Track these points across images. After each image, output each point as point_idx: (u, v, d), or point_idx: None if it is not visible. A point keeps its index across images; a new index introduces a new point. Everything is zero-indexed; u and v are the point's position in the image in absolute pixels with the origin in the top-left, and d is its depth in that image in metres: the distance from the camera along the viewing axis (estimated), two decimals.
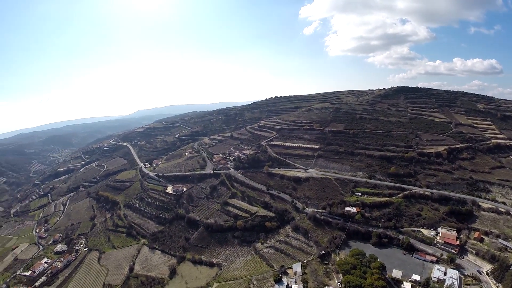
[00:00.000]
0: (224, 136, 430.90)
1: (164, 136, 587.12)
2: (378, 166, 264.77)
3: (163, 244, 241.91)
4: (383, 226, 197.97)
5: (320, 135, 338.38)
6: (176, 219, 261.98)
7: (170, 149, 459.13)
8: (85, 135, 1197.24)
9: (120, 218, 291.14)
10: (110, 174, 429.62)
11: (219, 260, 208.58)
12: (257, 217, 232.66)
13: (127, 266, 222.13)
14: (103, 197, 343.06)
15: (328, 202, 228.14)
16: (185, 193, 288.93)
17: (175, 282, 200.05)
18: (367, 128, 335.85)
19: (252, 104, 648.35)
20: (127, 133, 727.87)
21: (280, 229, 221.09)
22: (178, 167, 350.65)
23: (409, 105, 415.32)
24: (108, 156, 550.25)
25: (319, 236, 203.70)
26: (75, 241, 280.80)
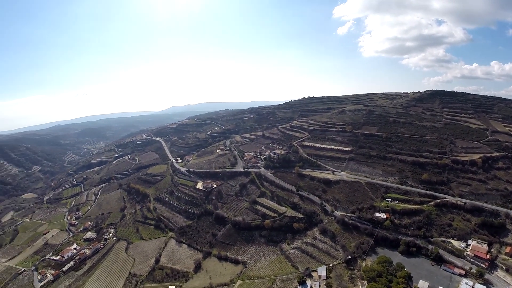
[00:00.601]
0: (255, 135, 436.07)
1: (196, 132, 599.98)
2: (410, 172, 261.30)
3: (190, 239, 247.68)
4: (412, 235, 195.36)
5: (352, 138, 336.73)
6: (204, 215, 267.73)
7: (201, 146, 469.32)
8: (119, 129, 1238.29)
9: (150, 211, 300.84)
10: (142, 167, 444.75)
11: (244, 258, 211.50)
12: (285, 218, 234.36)
13: (153, 258, 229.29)
14: (134, 189, 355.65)
15: (358, 207, 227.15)
16: (214, 190, 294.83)
17: (199, 276, 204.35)
18: (401, 132, 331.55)
19: (284, 104, 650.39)
20: (160, 129, 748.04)
21: (308, 231, 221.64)
22: (209, 163, 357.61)
23: (444, 110, 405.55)
24: (141, 150, 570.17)
25: (347, 240, 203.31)
26: (105, 230, 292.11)
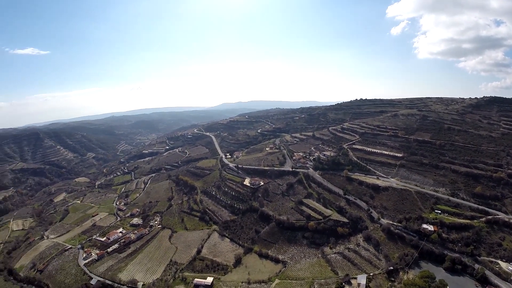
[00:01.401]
0: (306, 135, 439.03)
1: (246, 129, 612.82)
2: (462, 183, 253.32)
3: (233, 233, 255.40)
4: (459, 251, 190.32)
5: (404, 143, 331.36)
6: (249, 211, 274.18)
7: (251, 143, 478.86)
8: (171, 122, 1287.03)
9: (196, 203, 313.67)
10: (191, 160, 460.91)
11: (285, 258, 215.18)
12: (330, 221, 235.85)
13: (195, 248, 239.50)
14: (183, 181, 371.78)
15: (405, 216, 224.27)
16: (261, 187, 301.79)
17: (238, 271, 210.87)
18: (455, 140, 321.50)
19: (336, 105, 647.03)
20: (210, 124, 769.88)
21: (351, 237, 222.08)
22: (258, 161, 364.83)
23: (502, 119, 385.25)
24: (191, 143, 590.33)
25: (390, 250, 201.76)
26: (151, 217, 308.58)
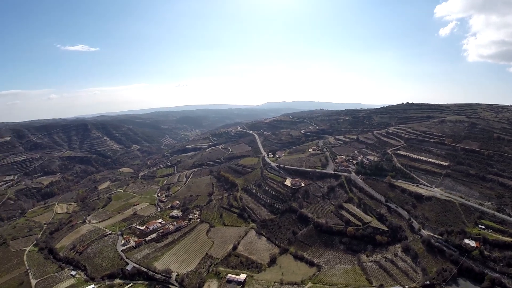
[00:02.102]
0: (349, 138, 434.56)
1: (289, 129, 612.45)
2: (510, 198, 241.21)
3: (270, 233, 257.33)
4: (500, 271, 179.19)
5: (451, 152, 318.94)
6: (288, 212, 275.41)
7: (294, 143, 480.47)
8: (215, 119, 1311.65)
9: (236, 199, 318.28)
10: (234, 158, 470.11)
11: (320, 262, 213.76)
12: (369, 228, 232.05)
13: (231, 244, 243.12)
14: (224, 177, 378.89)
15: (447, 229, 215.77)
16: (302, 188, 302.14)
17: (272, 270, 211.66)
18: (505, 151, 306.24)
19: (381, 108, 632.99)
20: (254, 123, 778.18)
21: (390, 246, 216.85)
22: (300, 162, 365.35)
23: None
24: (234, 141, 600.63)
25: (428, 263, 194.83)
26: (190, 210, 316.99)
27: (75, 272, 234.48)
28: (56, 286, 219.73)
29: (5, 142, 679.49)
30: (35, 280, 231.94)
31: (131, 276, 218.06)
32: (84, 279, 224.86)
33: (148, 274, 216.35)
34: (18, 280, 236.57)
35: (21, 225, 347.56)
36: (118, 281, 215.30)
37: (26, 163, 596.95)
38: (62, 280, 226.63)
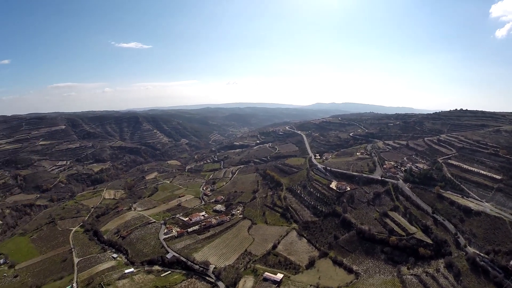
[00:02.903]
0: (399, 144, 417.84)
1: (338, 131, 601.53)
2: None
3: (312, 235, 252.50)
4: None
5: (505, 165, 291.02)
6: (331, 215, 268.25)
7: (342, 146, 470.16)
8: (264, 118, 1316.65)
9: (280, 199, 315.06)
10: (280, 157, 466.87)
11: (359, 269, 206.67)
12: (413, 239, 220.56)
13: (271, 243, 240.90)
14: (269, 176, 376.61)
15: (494, 248, 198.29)
16: (347, 193, 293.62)
17: (309, 273, 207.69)
18: None
19: (433, 114, 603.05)
20: (302, 123, 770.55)
21: (432, 260, 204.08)
22: (347, 165, 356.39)
23: None
24: (282, 140, 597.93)
25: (471, 283, 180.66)
26: (234, 206, 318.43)
27: (116, 255, 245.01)
28: (97, 266, 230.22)
29: (60, 130, 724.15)
30: (77, 259, 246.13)
31: (170, 264, 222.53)
32: (124, 262, 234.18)
33: (186, 264, 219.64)
34: (62, 257, 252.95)
35: (70, 207, 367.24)
36: (157, 267, 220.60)
37: (79, 150, 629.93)
38: (103, 261, 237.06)
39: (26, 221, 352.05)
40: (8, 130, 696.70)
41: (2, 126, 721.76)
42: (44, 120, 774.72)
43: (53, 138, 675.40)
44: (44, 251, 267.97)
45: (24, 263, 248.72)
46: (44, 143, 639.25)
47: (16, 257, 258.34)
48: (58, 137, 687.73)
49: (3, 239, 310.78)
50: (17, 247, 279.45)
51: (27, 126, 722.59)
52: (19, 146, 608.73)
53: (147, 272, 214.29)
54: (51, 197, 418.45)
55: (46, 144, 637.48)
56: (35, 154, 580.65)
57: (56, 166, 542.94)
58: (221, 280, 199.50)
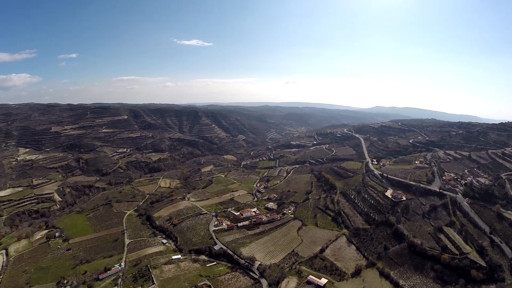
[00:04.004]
0: (460, 154, 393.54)
1: (397, 137, 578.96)
2: None
3: (361, 242, 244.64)
4: None
5: None
6: (383, 224, 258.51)
7: (400, 152, 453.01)
8: (321, 118, 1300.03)
9: (332, 202, 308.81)
10: (336, 159, 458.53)
11: (405, 285, 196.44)
12: (466, 260, 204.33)
13: (319, 246, 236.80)
14: (324, 178, 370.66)
15: None
16: (402, 202, 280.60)
17: (354, 281, 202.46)
18: None
19: (499, 124, 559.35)
20: (361, 126, 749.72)
21: (484, 285, 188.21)
22: (404, 173, 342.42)
23: None
24: (339, 142, 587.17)
25: None
26: (285, 205, 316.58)
27: (166, 241, 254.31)
28: (146, 249, 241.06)
29: (122, 120, 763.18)
30: (128, 240, 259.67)
31: (217, 256, 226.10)
32: (172, 248, 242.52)
33: (232, 257, 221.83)
34: (114, 236, 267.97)
35: (127, 191, 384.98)
36: (203, 257, 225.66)
37: (139, 139, 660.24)
38: (152, 245, 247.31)
39: (84, 201, 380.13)
40: (74, 117, 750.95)
41: (68, 113, 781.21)
42: (108, 110, 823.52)
43: (116, 127, 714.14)
44: (98, 229, 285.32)
45: (78, 239, 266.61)
46: (107, 131, 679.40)
47: (71, 232, 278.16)
48: (120, 126, 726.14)
49: (61, 215, 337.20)
50: (73, 223, 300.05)
51: (92, 114, 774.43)
52: (83, 132, 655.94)
53: (193, 260, 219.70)
54: (110, 181, 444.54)
55: (108, 132, 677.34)
56: (97, 140, 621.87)
57: (117, 153, 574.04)
58: (264, 277, 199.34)
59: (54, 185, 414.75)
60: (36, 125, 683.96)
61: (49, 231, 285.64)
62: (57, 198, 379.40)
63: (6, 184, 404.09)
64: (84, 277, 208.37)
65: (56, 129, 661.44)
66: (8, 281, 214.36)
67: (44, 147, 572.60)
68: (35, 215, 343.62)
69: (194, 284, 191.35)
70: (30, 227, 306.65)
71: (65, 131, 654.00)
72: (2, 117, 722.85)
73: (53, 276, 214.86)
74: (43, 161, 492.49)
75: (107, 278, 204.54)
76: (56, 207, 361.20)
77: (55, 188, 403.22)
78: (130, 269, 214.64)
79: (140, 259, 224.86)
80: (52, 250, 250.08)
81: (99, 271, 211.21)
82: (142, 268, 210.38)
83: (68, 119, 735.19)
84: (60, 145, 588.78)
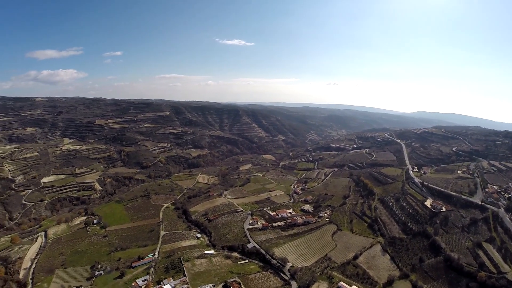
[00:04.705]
0: (506, 166, 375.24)
1: (440, 144, 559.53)
2: None
3: (396, 252, 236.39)
4: None
5: None
6: (420, 235, 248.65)
7: (442, 161, 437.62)
8: (363, 122, 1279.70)
9: (370, 208, 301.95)
10: (376, 165, 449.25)
11: None
12: (503, 279, 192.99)
13: (353, 253, 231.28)
14: (363, 183, 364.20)
15: None
16: (442, 213, 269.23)
17: None
18: None
19: None
20: (403, 131, 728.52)
21: None
22: (445, 183, 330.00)
23: None
24: (379, 147, 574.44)
25: None
26: (322, 208, 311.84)
27: (200, 235, 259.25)
28: (180, 241, 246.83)
29: (164, 115, 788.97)
30: (164, 232, 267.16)
31: (249, 254, 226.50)
32: (206, 243, 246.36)
33: (265, 257, 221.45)
34: (150, 227, 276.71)
35: (165, 185, 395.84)
36: (235, 254, 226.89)
37: (180, 135, 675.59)
38: (187, 238, 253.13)
39: (123, 191, 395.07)
40: (117, 111, 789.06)
41: (112, 108, 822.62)
42: (150, 106, 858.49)
43: (157, 122, 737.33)
44: (135, 219, 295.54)
45: (115, 227, 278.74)
46: (149, 126, 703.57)
47: (109, 220, 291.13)
48: (162, 121, 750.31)
49: (100, 203, 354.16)
50: (111, 212, 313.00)
51: (135, 109, 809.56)
52: (126, 126, 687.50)
53: (225, 256, 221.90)
54: (149, 174, 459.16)
55: (150, 126, 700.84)
56: (139, 134, 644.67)
57: (157, 147, 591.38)
58: (295, 279, 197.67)
59: (96, 174, 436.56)
60: (81, 117, 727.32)
61: (87, 217, 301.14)
62: (98, 187, 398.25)
63: (50, 171, 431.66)
64: (117, 264, 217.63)
65: (100, 122, 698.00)
66: (45, 260, 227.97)
67: (88, 139, 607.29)
68: (76, 201, 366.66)
69: (225, 280, 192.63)
70: (70, 212, 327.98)
71: (109, 124, 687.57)
72: (49, 109, 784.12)
73: (88, 260, 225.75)
74: (86, 151, 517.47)
75: (140, 267, 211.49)
76: (96, 196, 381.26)
77: (96, 177, 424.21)
78: (163, 259, 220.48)
79: (173, 251, 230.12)
80: (89, 235, 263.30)
81: (133, 259, 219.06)
82: (175, 260, 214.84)
83: (112, 113, 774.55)
84: (103, 137, 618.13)
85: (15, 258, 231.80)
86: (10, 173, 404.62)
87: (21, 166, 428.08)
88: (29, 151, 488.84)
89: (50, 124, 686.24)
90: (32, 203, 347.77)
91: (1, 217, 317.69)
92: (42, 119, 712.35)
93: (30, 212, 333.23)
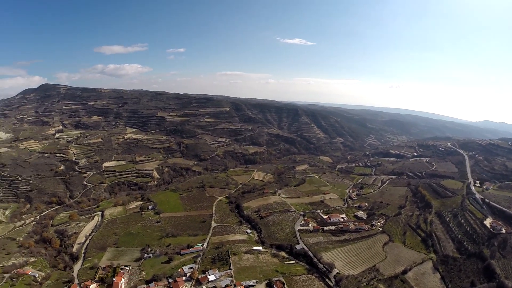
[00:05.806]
0: None
1: (505, 159, 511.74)
2: None
3: (447, 272, 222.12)
4: None
5: None
6: (475, 256, 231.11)
7: (507, 177, 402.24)
8: (424, 129, 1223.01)
9: (425, 222, 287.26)
10: (436, 175, 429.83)
11: None
12: None
13: (403, 267, 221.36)
14: (420, 194, 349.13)
15: None
16: (501, 236, 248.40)
17: None
18: None
19: None
20: (466, 141, 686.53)
21: None
22: (509, 202, 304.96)
23: None
24: (441, 157, 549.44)
25: None
26: (375, 217, 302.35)
27: (250, 231, 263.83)
28: (230, 235, 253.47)
29: (224, 111, 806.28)
30: (215, 224, 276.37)
31: (296, 255, 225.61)
32: (255, 239, 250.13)
33: (312, 260, 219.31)
34: (202, 218, 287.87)
35: (221, 178, 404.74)
36: (283, 254, 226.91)
37: (239, 131, 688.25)
38: (237, 232, 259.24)
39: (180, 181, 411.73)
40: (179, 105, 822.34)
41: (174, 101, 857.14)
42: (211, 101, 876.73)
43: (217, 117, 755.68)
44: (188, 209, 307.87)
45: (168, 214, 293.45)
46: (208, 120, 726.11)
47: (163, 207, 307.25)
48: (221, 117, 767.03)
49: (156, 191, 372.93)
50: (166, 200, 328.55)
51: (196, 104, 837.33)
52: (186, 120, 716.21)
53: (273, 255, 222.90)
54: (206, 166, 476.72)
55: (210, 121, 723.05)
56: (199, 128, 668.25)
57: (216, 142, 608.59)
58: (339, 287, 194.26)
59: (155, 163, 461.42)
60: (144, 109, 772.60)
61: (143, 202, 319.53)
62: (156, 175, 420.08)
63: (112, 157, 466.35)
64: (167, 249, 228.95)
65: (161, 114, 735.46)
66: (99, 238, 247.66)
67: (149, 129, 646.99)
68: (133, 187, 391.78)
69: (269, 278, 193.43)
70: (127, 196, 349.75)
71: (170, 117, 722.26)
72: (114, 100, 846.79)
73: (139, 242, 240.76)
74: (147, 141, 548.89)
75: (188, 255, 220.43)
76: (153, 183, 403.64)
77: (155, 166, 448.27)
78: (211, 250, 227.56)
79: (222, 243, 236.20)
80: (143, 219, 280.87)
81: (182, 247, 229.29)
82: (222, 252, 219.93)
83: (173, 106, 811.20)
84: (164, 129, 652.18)
85: (71, 233, 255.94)
86: (74, 156, 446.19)
87: (85, 150, 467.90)
88: (94, 137, 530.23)
89: (115, 114, 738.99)
90: (93, 184, 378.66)
91: (63, 195, 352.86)
92: (107, 109, 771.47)
93: (90, 192, 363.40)
